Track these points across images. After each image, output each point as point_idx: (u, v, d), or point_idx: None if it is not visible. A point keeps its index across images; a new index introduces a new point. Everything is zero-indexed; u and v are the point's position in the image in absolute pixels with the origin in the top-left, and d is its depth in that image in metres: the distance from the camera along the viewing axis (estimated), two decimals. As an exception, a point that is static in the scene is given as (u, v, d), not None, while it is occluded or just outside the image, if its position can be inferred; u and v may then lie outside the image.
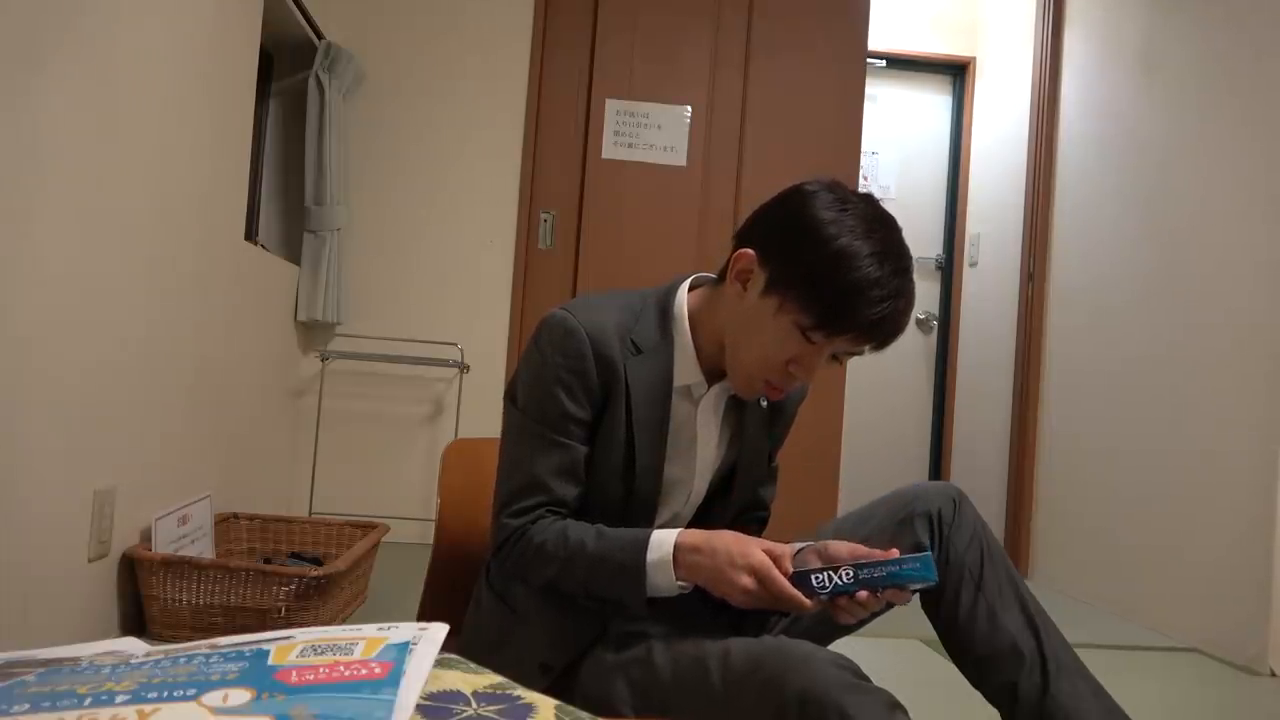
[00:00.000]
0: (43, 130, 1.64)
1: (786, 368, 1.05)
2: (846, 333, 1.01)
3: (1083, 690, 1.11)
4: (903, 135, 4.51)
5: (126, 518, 2.01)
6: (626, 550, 1.01)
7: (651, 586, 1.01)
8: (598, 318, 1.09)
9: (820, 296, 0.99)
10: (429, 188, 3.37)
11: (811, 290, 1.00)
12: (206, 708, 0.42)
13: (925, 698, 1.10)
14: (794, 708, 0.84)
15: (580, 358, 1.06)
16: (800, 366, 1.05)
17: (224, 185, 2.50)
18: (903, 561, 0.95)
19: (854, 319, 1.00)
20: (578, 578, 1.04)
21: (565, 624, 1.08)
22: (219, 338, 2.49)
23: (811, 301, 1.00)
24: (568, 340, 1.07)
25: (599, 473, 1.09)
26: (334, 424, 3.26)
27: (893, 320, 1.01)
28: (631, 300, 1.14)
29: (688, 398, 1.14)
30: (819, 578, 0.95)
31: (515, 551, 1.07)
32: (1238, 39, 2.64)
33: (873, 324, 1.00)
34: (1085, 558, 3.17)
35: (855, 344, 1.03)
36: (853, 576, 0.95)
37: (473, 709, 0.46)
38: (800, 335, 1.02)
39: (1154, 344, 2.89)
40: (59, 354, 1.73)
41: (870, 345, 1.04)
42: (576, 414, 1.07)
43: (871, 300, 0.98)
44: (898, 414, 4.46)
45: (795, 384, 1.08)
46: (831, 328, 1.01)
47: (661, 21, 3.44)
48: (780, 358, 1.04)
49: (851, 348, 1.04)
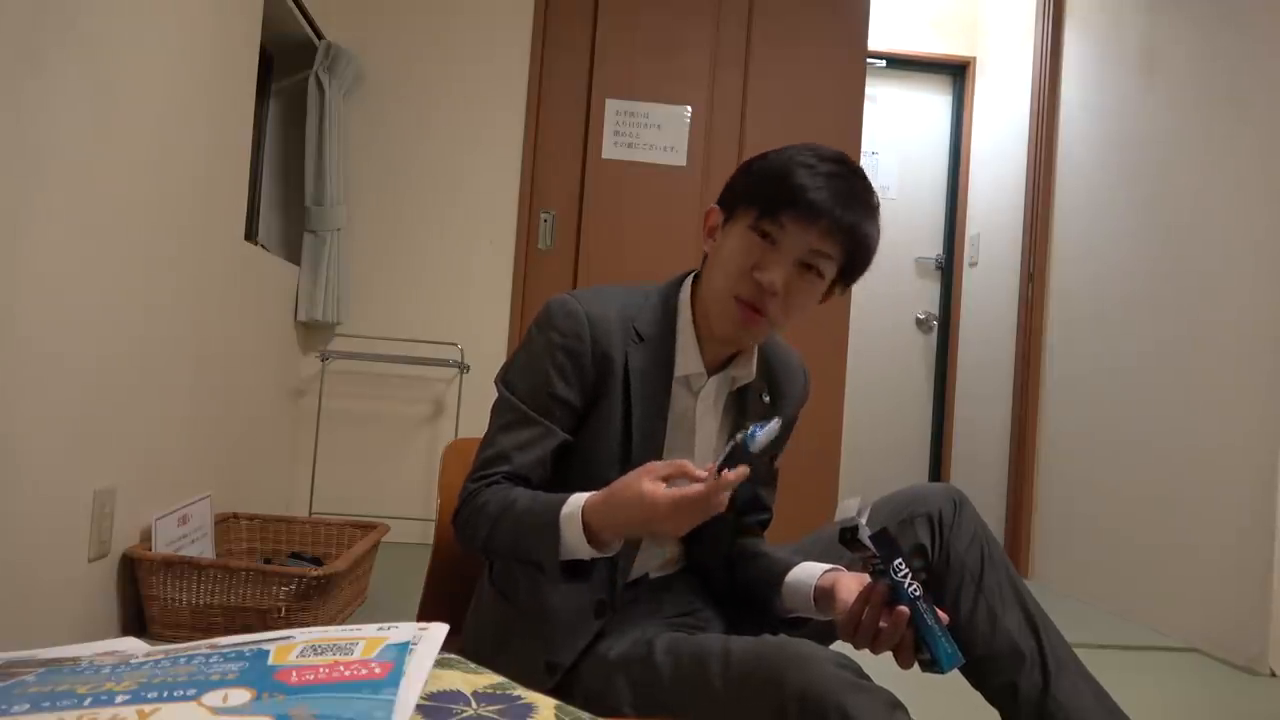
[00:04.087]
0: (42, 130, 1.63)
1: (752, 275, 1.05)
2: (785, 210, 1.03)
3: (1083, 690, 1.11)
4: (903, 135, 4.51)
5: (126, 518, 2.01)
6: (547, 508, 1.01)
7: (565, 546, 0.98)
8: (601, 306, 1.10)
9: (759, 188, 1.06)
10: (429, 188, 3.37)
11: (753, 189, 1.07)
12: (206, 708, 0.42)
13: (926, 697, 1.10)
14: (794, 707, 0.84)
15: (577, 339, 1.07)
16: (764, 271, 1.04)
17: (224, 185, 2.50)
18: (944, 631, 0.94)
19: (793, 196, 1.03)
20: (505, 537, 1.03)
21: (569, 621, 1.07)
22: (219, 338, 2.49)
23: (753, 198, 1.06)
24: (567, 322, 1.08)
25: (595, 461, 1.08)
26: (334, 424, 3.26)
27: (831, 194, 1.03)
28: (636, 293, 1.15)
29: (688, 389, 1.14)
30: (902, 564, 0.94)
31: (465, 512, 1.08)
32: (1238, 39, 2.64)
33: (809, 198, 1.02)
34: (1085, 558, 3.17)
35: (805, 230, 1.03)
36: (918, 594, 0.93)
37: (473, 709, 0.46)
38: (754, 236, 1.05)
39: (1154, 344, 2.89)
40: (59, 354, 1.73)
41: (820, 231, 1.03)
42: (564, 395, 1.07)
43: (807, 176, 1.03)
44: (898, 414, 4.46)
45: (770, 300, 1.05)
46: (772, 209, 1.04)
47: (661, 21, 3.44)
48: (743, 265, 1.05)
49: (806, 238, 1.04)
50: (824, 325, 3.37)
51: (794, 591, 1.11)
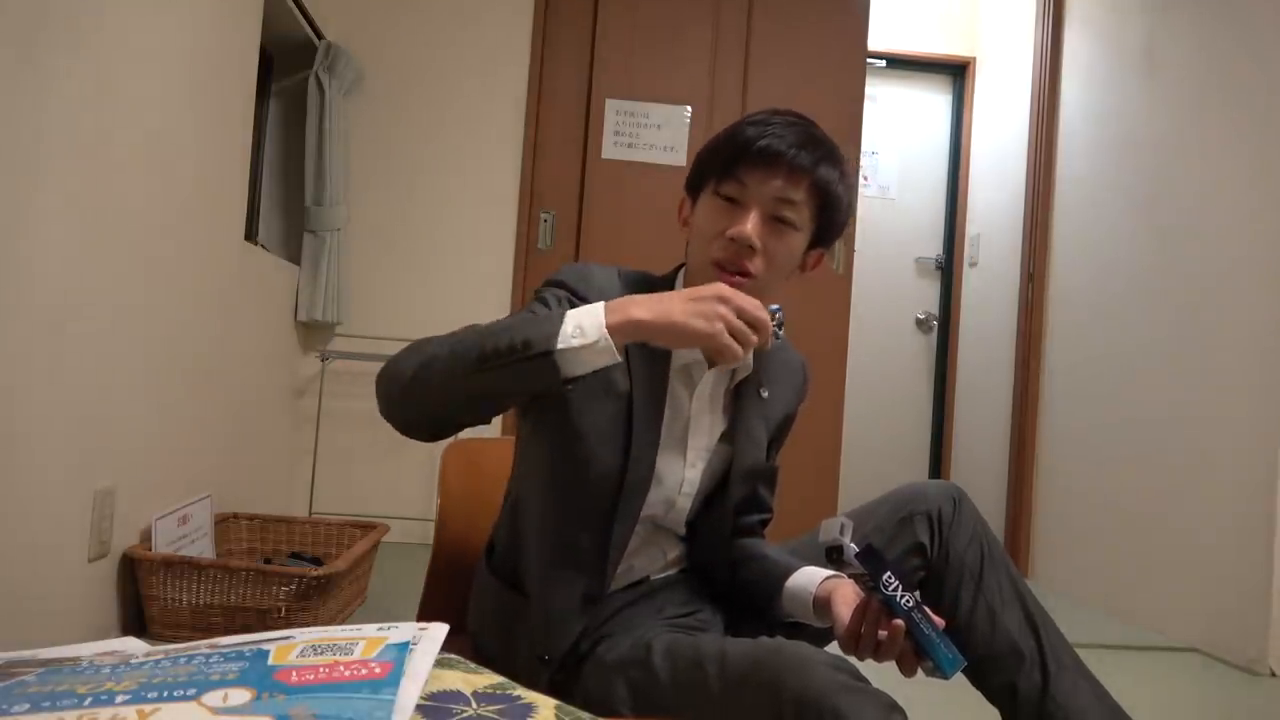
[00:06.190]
0: (42, 130, 1.64)
1: (725, 237, 1.05)
2: (740, 164, 1.05)
3: (1083, 690, 1.11)
4: (903, 135, 4.51)
5: (126, 518, 2.01)
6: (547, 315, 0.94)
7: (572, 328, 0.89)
8: (610, 282, 1.11)
9: (714, 157, 1.09)
10: (429, 188, 3.37)
11: (709, 160, 1.09)
12: (206, 708, 0.42)
13: (924, 699, 1.10)
14: (791, 710, 0.84)
15: (581, 295, 1.07)
16: (738, 230, 1.05)
17: (224, 185, 2.50)
18: (942, 637, 0.94)
19: (745, 148, 1.05)
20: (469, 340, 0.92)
21: (557, 612, 1.07)
22: (219, 338, 2.49)
23: (711, 167, 1.09)
24: (576, 277, 1.10)
25: (592, 446, 1.07)
26: (334, 424, 3.26)
27: (782, 140, 1.04)
28: (634, 279, 1.15)
29: (686, 380, 1.14)
30: (891, 577, 0.93)
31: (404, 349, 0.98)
32: (1238, 39, 2.64)
33: (762, 147, 1.04)
34: (1085, 557, 3.17)
35: (765, 180, 1.04)
36: (911, 604, 0.93)
37: (473, 709, 0.46)
38: (719, 201, 1.07)
39: (1154, 344, 2.89)
40: (59, 354, 1.73)
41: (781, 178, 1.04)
42: None
43: (756, 130, 1.05)
44: (898, 414, 4.46)
45: (747, 258, 1.05)
46: (729, 168, 1.06)
47: (661, 21, 3.45)
48: (714, 230, 1.07)
49: (767, 188, 1.04)
50: (824, 325, 3.37)
51: (793, 598, 1.11)
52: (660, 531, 1.18)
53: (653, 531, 1.17)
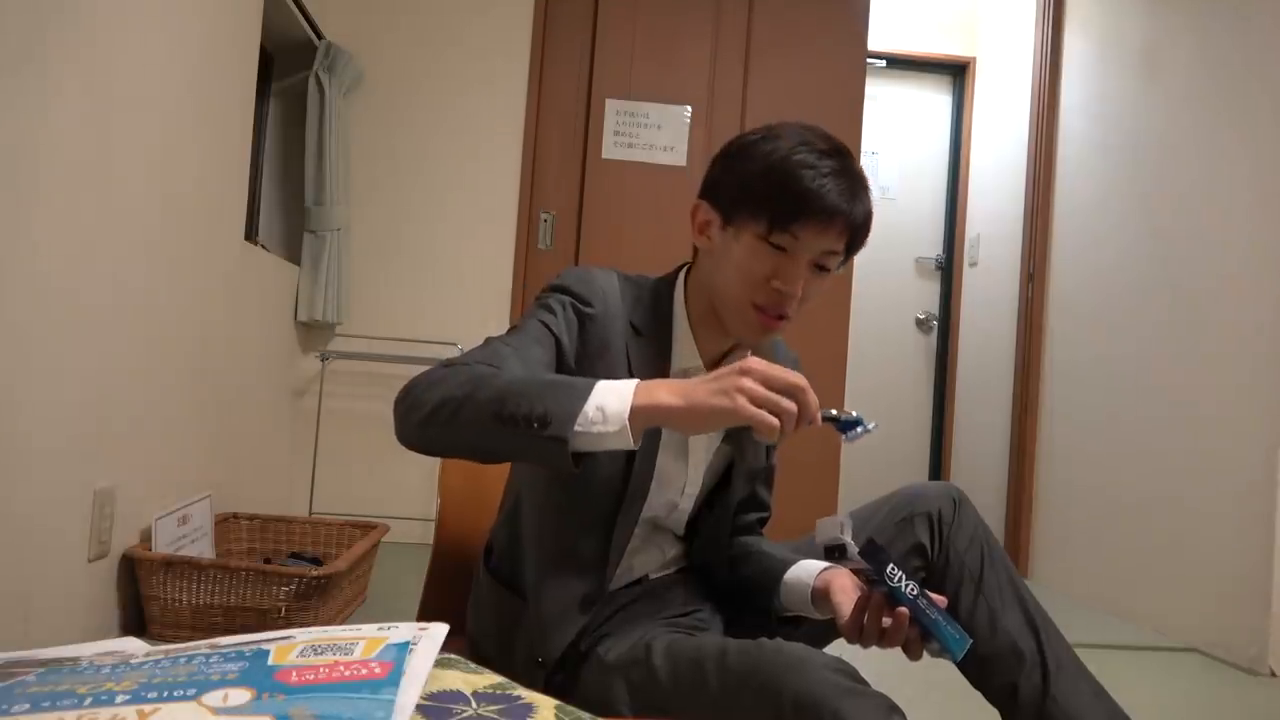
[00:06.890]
0: (42, 130, 1.64)
1: (769, 285, 1.04)
2: (798, 220, 1.01)
3: (1083, 690, 1.11)
4: (903, 135, 4.51)
5: (126, 518, 2.01)
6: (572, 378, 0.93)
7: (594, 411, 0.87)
8: (612, 286, 1.10)
9: (765, 200, 1.03)
10: (429, 188, 3.37)
11: (756, 198, 1.03)
12: (206, 708, 0.42)
13: (924, 700, 1.10)
14: (790, 712, 0.84)
15: (585, 300, 1.07)
16: (781, 279, 1.03)
17: (224, 185, 2.50)
18: (948, 619, 0.94)
19: (806, 205, 1.01)
20: (490, 390, 0.90)
21: (555, 614, 1.07)
22: (219, 338, 2.49)
23: (760, 209, 1.03)
24: (579, 282, 1.09)
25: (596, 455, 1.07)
26: (334, 424, 3.26)
27: (840, 193, 1.01)
28: (634, 283, 1.15)
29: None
30: (895, 569, 0.94)
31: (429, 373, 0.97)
32: (1238, 39, 2.64)
33: (822, 204, 1.01)
34: (1085, 558, 3.17)
35: (820, 235, 1.02)
36: (915, 592, 0.93)
37: (473, 709, 0.46)
38: (766, 246, 1.03)
39: (1154, 344, 2.89)
40: (59, 354, 1.73)
41: (835, 233, 1.03)
42: (554, 327, 1.06)
43: (813, 179, 1.01)
44: (898, 414, 4.46)
45: (789, 305, 1.05)
46: (784, 222, 1.02)
47: (661, 21, 3.45)
48: (758, 275, 1.04)
49: (820, 242, 1.03)
50: (824, 325, 3.37)
51: (791, 591, 1.11)
52: (660, 531, 1.18)
53: (652, 531, 1.17)
